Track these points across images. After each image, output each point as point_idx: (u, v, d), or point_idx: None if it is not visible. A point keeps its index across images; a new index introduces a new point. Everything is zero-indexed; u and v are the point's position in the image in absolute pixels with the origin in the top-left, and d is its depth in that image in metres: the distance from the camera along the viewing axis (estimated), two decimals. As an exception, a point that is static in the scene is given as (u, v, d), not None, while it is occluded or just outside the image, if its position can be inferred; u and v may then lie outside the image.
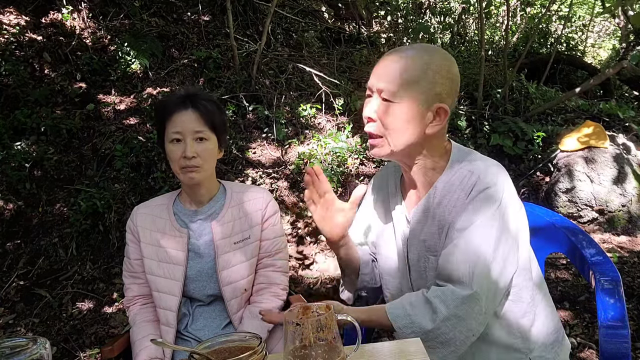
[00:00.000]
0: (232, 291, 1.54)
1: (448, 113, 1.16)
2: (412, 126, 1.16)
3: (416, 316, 1.10)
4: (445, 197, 1.18)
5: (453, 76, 1.17)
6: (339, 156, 3.94)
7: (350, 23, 6.32)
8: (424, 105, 1.15)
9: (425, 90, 1.14)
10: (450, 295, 1.09)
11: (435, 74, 1.14)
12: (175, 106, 1.49)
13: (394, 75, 1.15)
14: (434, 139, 1.20)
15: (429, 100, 1.15)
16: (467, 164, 1.18)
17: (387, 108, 1.16)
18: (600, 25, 9.92)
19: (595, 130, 4.11)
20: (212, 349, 0.93)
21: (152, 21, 4.82)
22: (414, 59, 1.15)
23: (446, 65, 1.16)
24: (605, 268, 1.31)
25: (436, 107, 1.15)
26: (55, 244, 3.38)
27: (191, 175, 1.48)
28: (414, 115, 1.15)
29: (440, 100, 1.15)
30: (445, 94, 1.15)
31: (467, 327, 1.09)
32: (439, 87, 1.14)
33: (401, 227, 1.28)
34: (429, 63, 1.14)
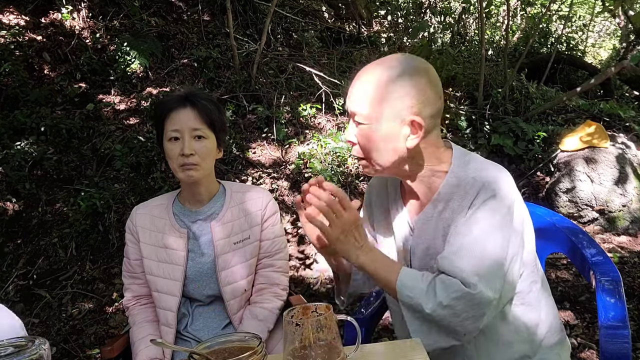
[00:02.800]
0: (231, 291, 1.53)
1: (423, 125, 1.12)
2: (390, 145, 1.14)
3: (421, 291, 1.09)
4: (449, 203, 1.17)
5: (423, 84, 1.12)
6: (339, 156, 3.94)
7: (351, 23, 6.32)
8: (396, 121, 1.12)
9: (393, 106, 1.11)
10: (453, 285, 1.07)
11: (401, 87, 1.11)
12: (173, 104, 1.49)
13: (362, 97, 1.14)
14: (419, 150, 1.17)
15: (400, 115, 1.12)
16: (470, 170, 1.16)
17: (362, 131, 1.16)
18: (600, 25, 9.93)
19: (596, 130, 4.11)
20: (212, 349, 0.92)
21: (152, 21, 4.82)
22: (378, 77, 1.13)
23: (413, 75, 1.12)
24: (605, 268, 1.31)
25: (410, 120, 1.12)
26: (55, 244, 3.38)
27: (189, 173, 1.47)
28: (388, 134, 1.13)
29: (413, 112, 1.12)
30: (419, 105, 1.12)
31: (460, 324, 1.07)
32: (408, 101, 1.11)
33: (403, 234, 1.27)
34: (394, 78, 1.11)
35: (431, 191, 1.21)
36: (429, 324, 1.09)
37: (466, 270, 1.08)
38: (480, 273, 1.07)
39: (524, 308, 1.21)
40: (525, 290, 1.20)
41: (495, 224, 1.10)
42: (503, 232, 1.10)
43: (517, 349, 1.21)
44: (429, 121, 1.14)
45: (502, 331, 1.20)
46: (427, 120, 1.13)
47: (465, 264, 1.08)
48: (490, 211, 1.11)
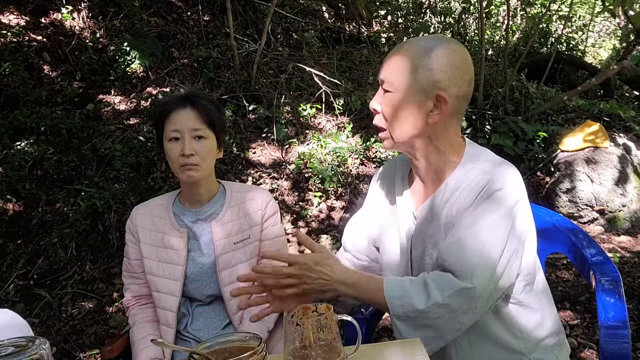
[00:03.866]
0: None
1: (448, 101, 1.13)
2: (411, 116, 1.15)
3: (411, 293, 1.08)
4: (454, 195, 1.16)
5: (456, 64, 1.14)
6: (339, 156, 3.94)
7: (351, 23, 6.31)
8: (422, 93, 1.13)
9: (422, 78, 1.13)
10: (447, 283, 1.07)
11: (433, 61, 1.13)
12: (173, 105, 1.49)
13: (394, 65, 1.16)
14: (440, 130, 1.18)
15: (427, 88, 1.13)
16: (480, 163, 1.17)
17: (387, 98, 1.17)
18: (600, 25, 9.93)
19: (596, 130, 4.11)
20: (212, 349, 0.92)
21: (152, 21, 4.82)
22: (413, 48, 1.15)
23: (447, 53, 1.13)
24: (605, 268, 1.31)
25: (435, 95, 1.13)
26: (55, 244, 3.38)
27: (190, 174, 1.47)
28: (412, 104, 1.14)
29: (440, 88, 1.13)
30: (446, 82, 1.13)
31: (456, 320, 1.07)
32: (437, 75, 1.13)
33: (406, 222, 1.27)
34: (428, 51, 1.13)
35: (439, 180, 1.21)
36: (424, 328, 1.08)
37: (463, 263, 1.08)
38: (477, 267, 1.07)
39: (520, 308, 1.20)
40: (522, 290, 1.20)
41: (497, 218, 1.10)
42: (504, 228, 1.10)
43: (513, 348, 1.21)
44: (453, 101, 1.15)
45: (496, 331, 1.20)
46: (452, 100, 1.14)
47: (462, 257, 1.08)
48: (494, 205, 1.11)
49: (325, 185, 3.79)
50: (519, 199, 1.13)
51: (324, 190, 3.81)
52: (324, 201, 3.79)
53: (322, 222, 3.66)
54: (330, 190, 3.80)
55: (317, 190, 3.81)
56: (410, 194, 1.28)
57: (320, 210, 3.74)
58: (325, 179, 3.77)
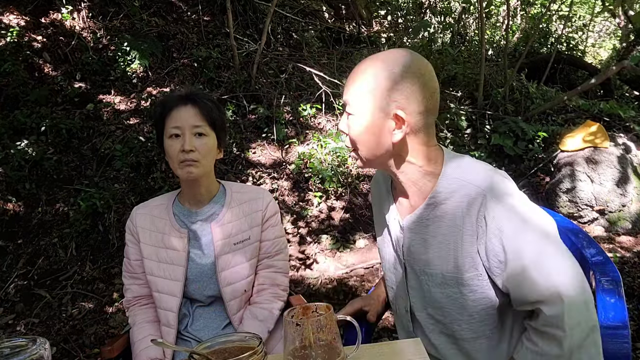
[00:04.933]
0: (232, 292, 1.53)
1: (405, 120, 1.11)
2: (372, 136, 1.15)
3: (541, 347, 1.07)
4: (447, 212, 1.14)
5: (412, 80, 1.11)
6: (339, 156, 3.94)
7: (350, 23, 6.32)
8: (381, 113, 1.12)
9: (380, 99, 1.12)
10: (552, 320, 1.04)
11: (390, 79, 1.11)
12: (174, 103, 1.49)
13: (352, 87, 1.16)
14: (408, 147, 1.16)
15: (385, 108, 1.12)
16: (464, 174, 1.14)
17: (350, 121, 1.18)
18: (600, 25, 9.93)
19: (596, 130, 4.11)
20: (212, 349, 0.92)
21: (152, 21, 4.82)
22: (370, 68, 1.14)
23: (402, 68, 1.11)
24: (605, 268, 1.31)
25: (394, 114, 1.12)
26: (55, 244, 3.38)
27: (189, 170, 1.47)
28: (371, 124, 1.14)
29: (399, 107, 1.11)
30: (404, 98, 1.11)
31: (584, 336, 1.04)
32: (395, 94, 1.11)
33: (394, 232, 1.27)
34: (385, 69, 1.12)
35: (422, 193, 1.19)
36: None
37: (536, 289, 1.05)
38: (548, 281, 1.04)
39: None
40: None
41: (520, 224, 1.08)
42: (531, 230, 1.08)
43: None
44: (415, 118, 1.13)
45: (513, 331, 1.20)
46: (413, 117, 1.12)
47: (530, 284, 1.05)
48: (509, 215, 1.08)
49: (325, 185, 3.79)
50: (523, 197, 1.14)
51: (324, 190, 3.81)
52: (324, 201, 3.79)
53: (322, 222, 3.66)
54: (330, 190, 3.80)
55: (317, 190, 3.81)
56: (396, 205, 1.28)
57: (321, 210, 3.74)
58: (325, 179, 3.77)
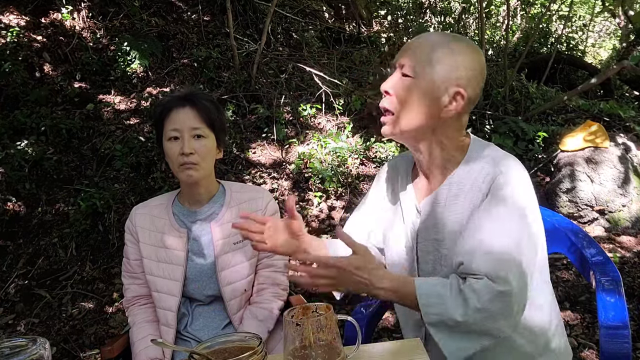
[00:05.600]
0: (231, 291, 1.53)
1: (465, 99, 1.15)
2: (425, 105, 1.15)
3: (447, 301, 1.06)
4: (462, 191, 1.16)
5: (477, 66, 1.16)
6: (339, 156, 3.94)
7: (350, 23, 6.31)
8: (442, 86, 1.14)
9: (445, 71, 1.14)
10: (485, 288, 1.04)
11: (458, 58, 1.14)
12: (173, 104, 1.49)
13: (418, 52, 1.16)
14: (448, 126, 1.18)
15: (447, 82, 1.14)
16: (486, 158, 1.16)
17: (404, 83, 1.16)
18: (600, 25, 9.93)
19: (597, 130, 4.11)
20: (212, 349, 0.92)
21: (152, 21, 4.82)
22: (440, 41, 1.16)
23: (472, 54, 1.16)
24: (605, 268, 1.31)
25: (454, 91, 1.14)
26: (55, 244, 3.38)
27: (189, 173, 1.47)
28: (430, 93, 1.14)
29: (459, 85, 1.14)
30: (466, 80, 1.15)
31: (496, 326, 1.05)
32: (460, 72, 1.14)
33: (410, 217, 1.26)
34: (454, 48, 1.15)
35: (443, 176, 1.20)
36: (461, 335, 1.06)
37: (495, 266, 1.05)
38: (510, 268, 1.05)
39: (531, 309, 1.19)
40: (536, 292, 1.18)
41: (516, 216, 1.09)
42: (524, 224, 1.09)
43: (521, 351, 1.19)
44: (466, 102, 1.16)
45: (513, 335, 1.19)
46: (466, 99, 1.16)
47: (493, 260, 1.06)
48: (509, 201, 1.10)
49: (325, 185, 3.79)
50: (529, 193, 1.13)
51: (324, 190, 3.81)
52: (324, 201, 3.79)
53: (322, 222, 3.66)
54: (331, 190, 3.80)
55: (317, 190, 3.81)
56: (414, 188, 1.28)
57: (321, 210, 3.74)
58: (325, 179, 3.77)
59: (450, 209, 1.17)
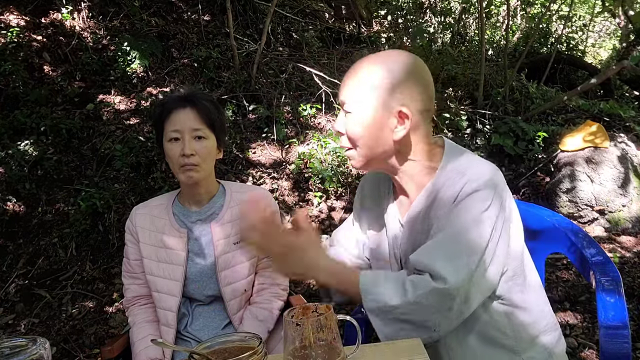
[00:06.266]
0: (231, 292, 1.53)
1: (410, 117, 1.13)
2: (375, 134, 1.14)
3: (386, 289, 1.09)
4: (437, 198, 1.16)
5: (416, 80, 1.14)
6: (339, 156, 3.94)
7: (350, 23, 6.32)
8: (383, 111, 1.13)
9: (382, 95, 1.13)
10: (422, 282, 1.07)
11: (392, 78, 1.12)
12: (173, 105, 1.49)
13: (350, 86, 1.16)
14: (407, 143, 1.17)
15: (387, 105, 1.13)
16: (460, 165, 1.16)
17: (349, 120, 1.17)
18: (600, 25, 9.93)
19: (597, 130, 4.11)
20: (212, 349, 0.92)
21: (152, 21, 4.82)
22: (370, 67, 1.14)
23: (406, 69, 1.13)
24: (605, 268, 1.31)
25: (397, 111, 1.13)
26: (55, 244, 3.38)
27: (190, 174, 1.47)
28: (373, 122, 1.14)
29: (402, 104, 1.13)
30: (407, 98, 1.13)
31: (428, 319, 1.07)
32: (398, 92, 1.12)
33: (394, 231, 1.27)
34: (385, 68, 1.13)
35: (420, 187, 1.21)
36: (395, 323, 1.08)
37: (436, 264, 1.07)
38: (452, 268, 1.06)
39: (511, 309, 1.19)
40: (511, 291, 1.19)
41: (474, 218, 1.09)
42: (482, 228, 1.09)
43: (505, 347, 1.20)
44: (417, 116, 1.15)
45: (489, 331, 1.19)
46: (415, 115, 1.14)
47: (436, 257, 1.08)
48: (471, 205, 1.10)
49: (325, 185, 3.79)
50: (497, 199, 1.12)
51: (324, 190, 3.81)
52: (324, 201, 3.79)
53: (322, 222, 3.66)
54: (331, 190, 3.80)
55: (317, 190, 3.81)
56: (397, 205, 1.28)
57: (321, 210, 3.74)
58: (325, 179, 3.77)
59: (427, 221, 1.18)
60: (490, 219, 1.10)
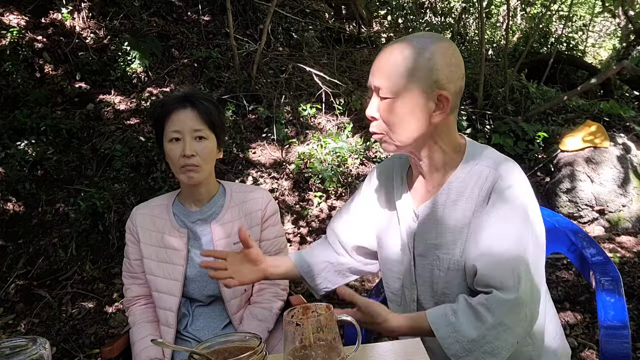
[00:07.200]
0: (231, 292, 1.53)
1: (450, 99, 1.13)
2: (414, 119, 1.14)
3: (460, 324, 1.07)
4: (462, 196, 1.16)
5: (450, 60, 1.13)
6: (339, 156, 3.94)
7: (351, 23, 6.32)
8: (424, 95, 1.12)
9: (421, 79, 1.11)
10: (495, 302, 1.05)
11: (430, 61, 1.11)
12: (174, 105, 1.49)
13: (389, 70, 1.13)
14: (442, 129, 1.17)
15: (427, 89, 1.12)
16: (484, 161, 1.16)
17: (387, 105, 1.15)
18: (600, 25, 9.93)
19: (597, 130, 4.11)
20: (212, 349, 0.92)
21: (152, 21, 4.82)
22: (406, 50, 1.13)
23: (441, 51, 1.12)
24: (605, 268, 1.31)
25: (437, 94, 1.12)
26: (55, 244, 3.38)
27: (191, 175, 1.47)
28: (415, 107, 1.13)
29: (440, 87, 1.12)
30: (445, 80, 1.12)
31: (513, 335, 1.06)
32: (436, 75, 1.11)
33: (407, 221, 1.26)
34: (422, 51, 1.11)
35: (443, 179, 1.20)
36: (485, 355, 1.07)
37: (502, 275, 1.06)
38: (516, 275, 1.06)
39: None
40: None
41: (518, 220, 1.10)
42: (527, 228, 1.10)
43: (521, 352, 1.19)
44: (453, 98, 1.14)
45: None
46: (452, 97, 1.14)
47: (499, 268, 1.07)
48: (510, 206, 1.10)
49: (325, 185, 3.79)
50: (530, 195, 1.14)
51: (324, 190, 3.81)
52: (325, 201, 3.79)
53: (322, 222, 3.66)
54: (331, 190, 3.80)
55: (317, 190, 3.81)
56: (411, 194, 1.27)
57: (321, 210, 3.74)
58: (326, 179, 3.77)
59: (449, 213, 1.18)
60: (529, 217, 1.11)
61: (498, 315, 1.05)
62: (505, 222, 1.10)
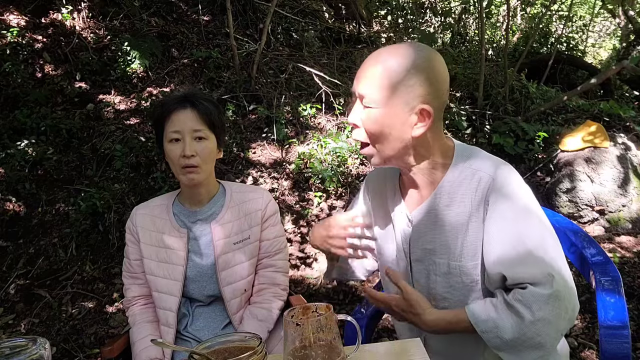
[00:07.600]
0: (231, 292, 1.53)
1: (432, 114, 1.13)
2: (395, 131, 1.14)
3: (501, 320, 1.08)
4: (454, 200, 1.16)
5: (436, 75, 1.13)
6: (339, 156, 3.93)
7: (351, 23, 6.32)
8: (406, 108, 1.12)
9: (405, 93, 1.11)
10: (531, 297, 1.06)
11: (414, 76, 1.11)
12: (173, 106, 1.49)
13: (373, 80, 1.13)
14: (425, 140, 1.17)
15: (410, 103, 1.12)
16: (474, 163, 1.17)
17: (369, 114, 1.15)
18: (600, 25, 9.93)
19: (597, 130, 4.11)
20: (212, 349, 0.92)
21: (152, 21, 4.82)
22: (392, 63, 1.12)
23: (427, 66, 1.12)
24: (606, 268, 1.31)
25: (419, 109, 1.12)
26: (55, 244, 3.38)
27: (191, 176, 1.47)
28: (396, 120, 1.13)
29: (423, 101, 1.12)
30: (429, 94, 1.12)
31: (555, 329, 1.06)
32: (420, 89, 1.11)
33: (402, 226, 1.27)
34: (408, 65, 1.11)
35: (432, 184, 1.21)
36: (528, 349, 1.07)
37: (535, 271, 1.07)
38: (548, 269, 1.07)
39: None
40: None
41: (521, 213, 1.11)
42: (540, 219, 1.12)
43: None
44: (436, 112, 1.15)
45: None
46: (435, 111, 1.14)
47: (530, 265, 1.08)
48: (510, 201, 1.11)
49: (325, 185, 3.79)
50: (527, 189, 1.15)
51: (324, 190, 3.81)
52: (325, 201, 3.79)
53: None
54: (331, 190, 3.80)
55: (317, 190, 3.81)
56: (404, 199, 1.28)
57: (321, 209, 3.74)
58: (326, 179, 3.77)
59: (442, 218, 1.18)
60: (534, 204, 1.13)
61: (535, 310, 1.05)
62: (516, 222, 1.11)
